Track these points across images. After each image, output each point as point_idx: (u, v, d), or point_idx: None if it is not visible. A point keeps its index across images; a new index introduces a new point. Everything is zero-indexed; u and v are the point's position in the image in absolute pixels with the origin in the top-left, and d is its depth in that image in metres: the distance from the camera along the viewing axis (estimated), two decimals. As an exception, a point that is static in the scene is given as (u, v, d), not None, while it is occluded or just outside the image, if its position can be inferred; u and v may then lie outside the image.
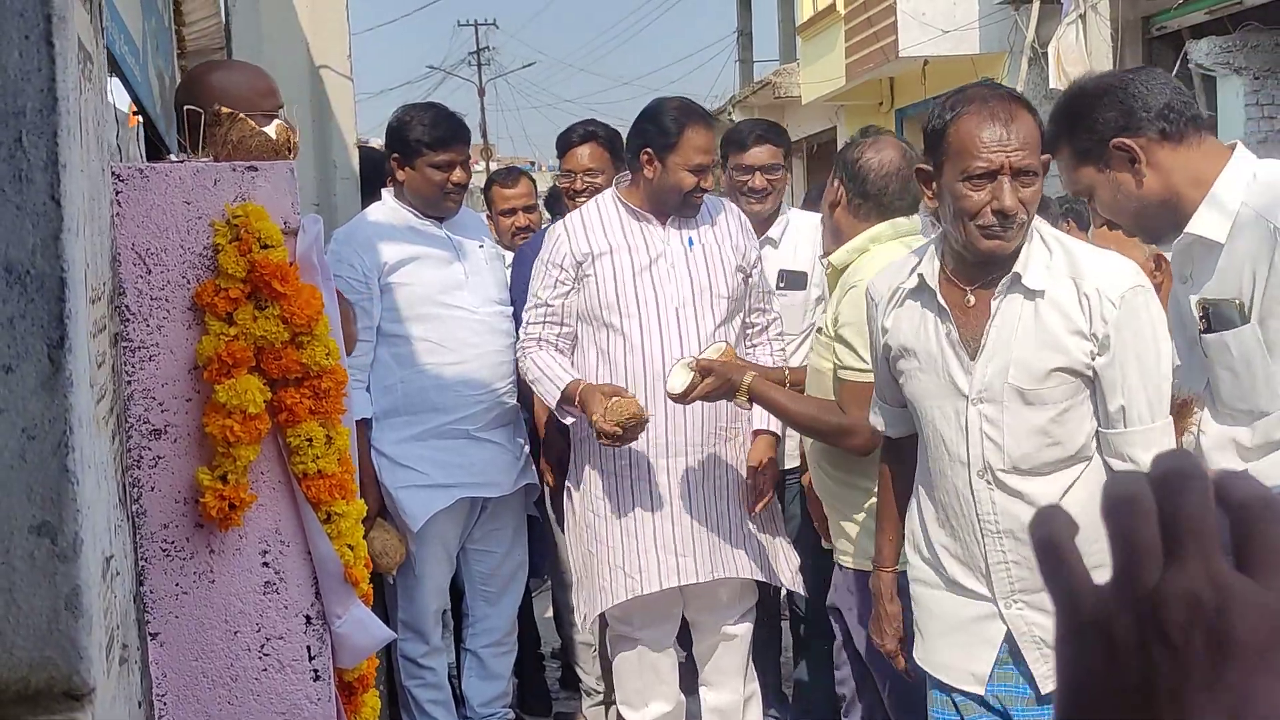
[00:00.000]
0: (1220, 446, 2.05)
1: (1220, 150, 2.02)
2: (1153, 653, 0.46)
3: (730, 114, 16.60)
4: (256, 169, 1.81)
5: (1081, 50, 9.14)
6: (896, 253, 2.60)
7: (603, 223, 3.18)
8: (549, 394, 3.13)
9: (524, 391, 3.53)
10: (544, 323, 3.19)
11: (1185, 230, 1.99)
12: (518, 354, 3.26)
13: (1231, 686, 0.45)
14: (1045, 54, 9.56)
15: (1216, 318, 1.98)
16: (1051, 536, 0.49)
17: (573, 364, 3.17)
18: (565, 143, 3.78)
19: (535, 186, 4.59)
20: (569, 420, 3.17)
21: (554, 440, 3.50)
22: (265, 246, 1.77)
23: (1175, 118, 2.00)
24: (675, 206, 3.13)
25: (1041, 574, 0.49)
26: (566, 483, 3.29)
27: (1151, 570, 0.46)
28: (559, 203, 4.07)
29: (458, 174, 3.36)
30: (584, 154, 3.72)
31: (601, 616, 3.27)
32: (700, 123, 3.15)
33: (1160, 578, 0.46)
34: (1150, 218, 2.04)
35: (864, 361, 2.54)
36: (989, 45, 10.68)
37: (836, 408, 2.65)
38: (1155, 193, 1.99)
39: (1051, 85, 9.44)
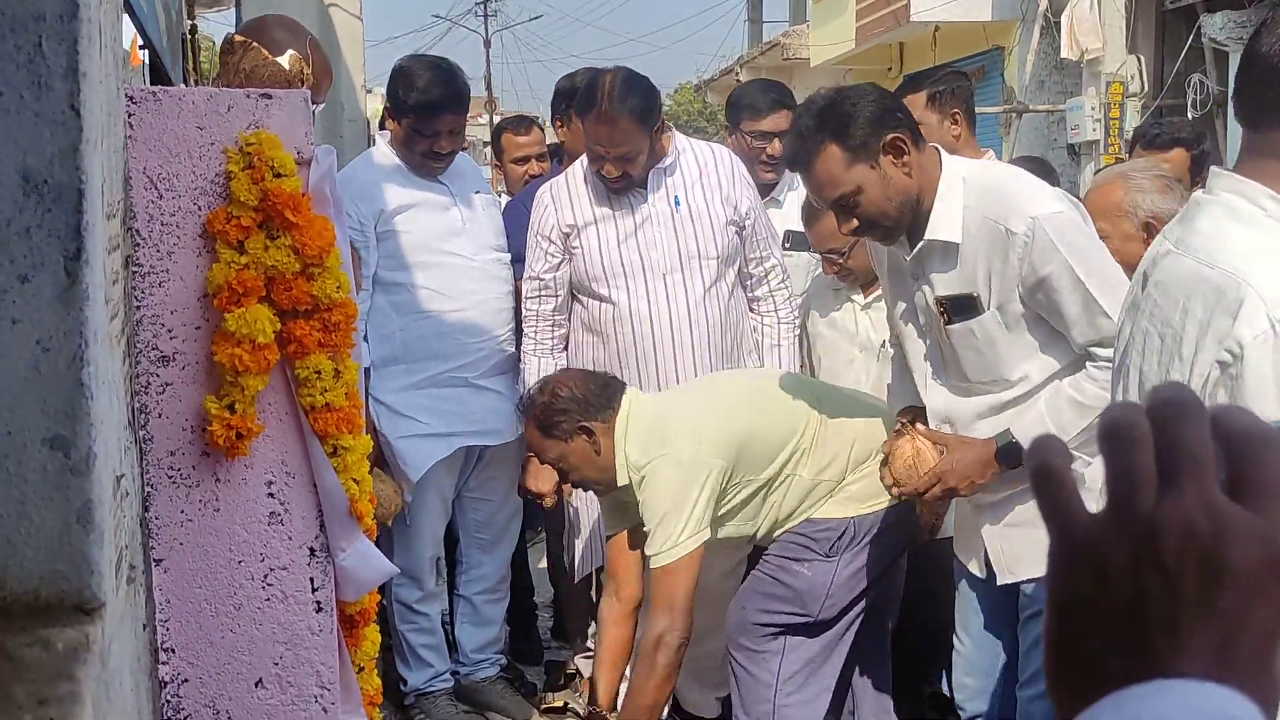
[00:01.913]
0: (967, 421, 2.28)
1: (935, 156, 2.24)
2: (1146, 580, 0.46)
3: (738, 74, 16.47)
4: (271, 96, 1.79)
5: (1095, 20, 9.06)
6: (668, 410, 2.66)
7: (589, 189, 3.13)
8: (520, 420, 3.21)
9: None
10: (539, 296, 3.21)
11: (926, 238, 2.20)
12: (523, 334, 3.28)
13: (1224, 614, 0.45)
14: (1058, 23, 9.48)
15: (955, 310, 2.20)
16: (1047, 463, 0.49)
17: (566, 346, 3.21)
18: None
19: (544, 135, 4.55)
20: None
21: None
22: (278, 175, 1.75)
23: (914, 122, 2.25)
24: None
25: (1036, 500, 0.49)
26: None
27: (1147, 498, 0.46)
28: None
29: (443, 143, 3.25)
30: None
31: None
32: (591, 115, 2.99)
33: (1156, 505, 0.46)
34: (906, 213, 2.20)
35: (683, 528, 2.53)
36: (1001, 13, 10.58)
37: (641, 665, 2.63)
38: (915, 188, 2.19)
39: (1063, 55, 9.37)
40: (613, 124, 2.97)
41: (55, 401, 1.13)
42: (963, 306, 2.20)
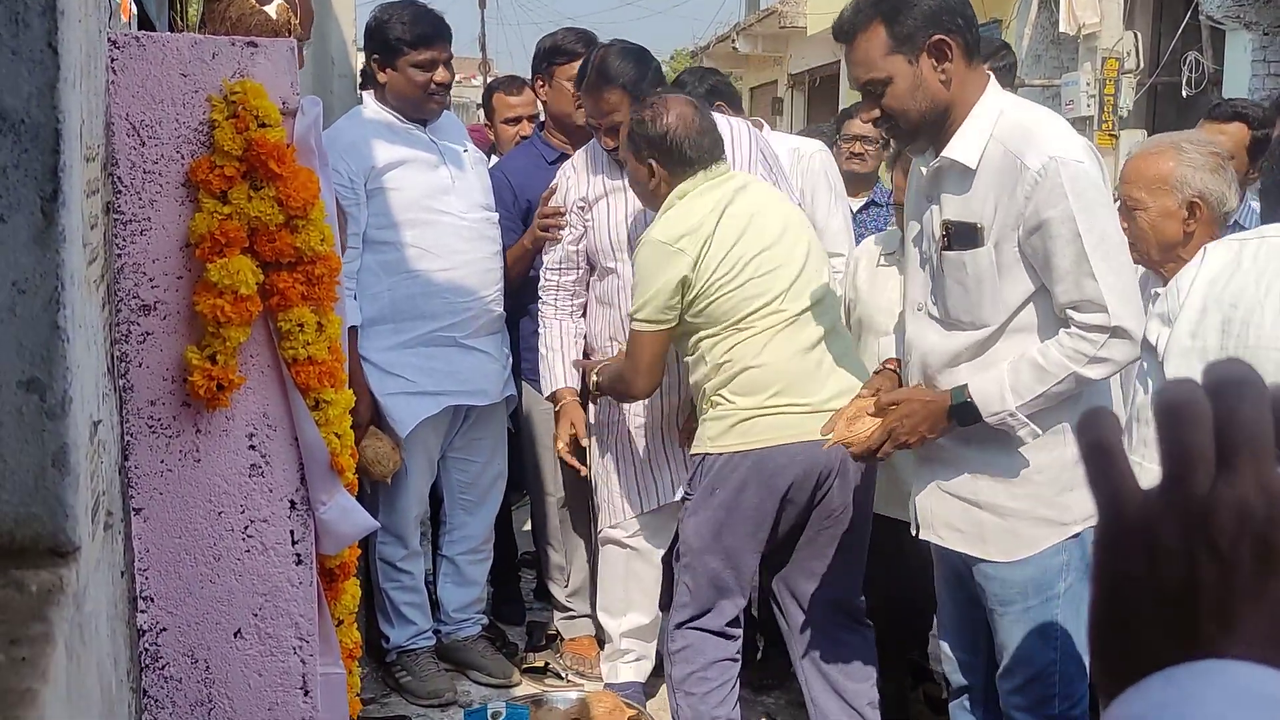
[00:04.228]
0: (940, 357, 2.24)
1: (984, 78, 2.16)
2: (1198, 561, 0.45)
3: (734, 41, 16.36)
4: (256, 45, 1.76)
5: (1093, -5, 9.00)
6: (698, 204, 2.69)
7: (604, 162, 3.18)
8: (544, 380, 3.32)
9: (511, 303, 3.53)
10: (560, 268, 3.29)
11: (942, 154, 2.14)
12: (541, 300, 3.33)
13: (1277, 598, 0.44)
14: (1056, -3, 9.42)
15: (957, 237, 2.14)
16: (1100, 439, 0.48)
17: (585, 314, 3.26)
18: (571, 53, 3.48)
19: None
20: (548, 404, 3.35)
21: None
22: (263, 125, 1.73)
23: (977, 35, 2.16)
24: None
25: (1087, 477, 0.48)
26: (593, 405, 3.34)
27: (1203, 478, 0.45)
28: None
29: (440, 73, 3.27)
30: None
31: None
32: (583, 88, 3.11)
33: (1211, 486, 0.45)
34: (930, 121, 2.14)
35: (640, 312, 2.70)
36: (1000, -15, 10.50)
37: (621, 363, 2.84)
38: (945, 98, 2.11)
39: (1061, 29, 9.32)
40: (598, 95, 3.03)
41: (31, 344, 1.12)
42: (964, 234, 2.14)
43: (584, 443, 3.22)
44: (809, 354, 2.66)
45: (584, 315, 3.31)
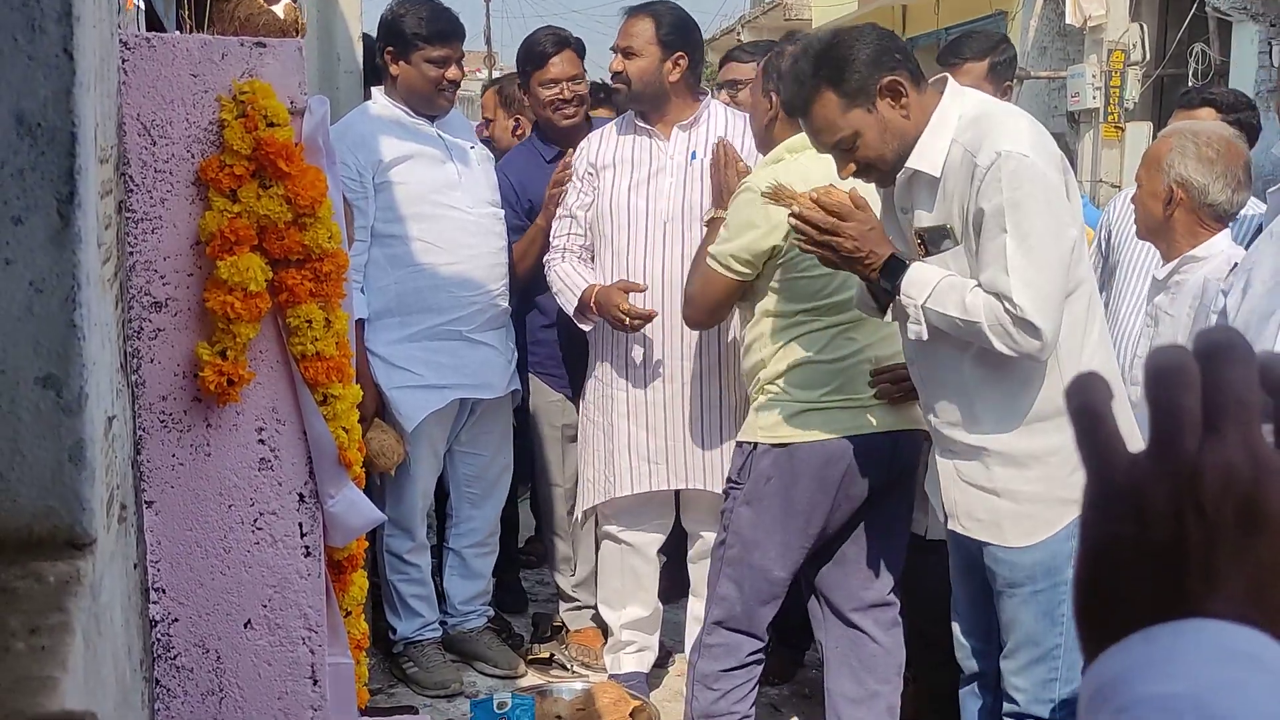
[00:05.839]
0: (932, 363, 2.28)
1: (936, 94, 2.21)
2: (1185, 521, 0.46)
3: (739, 34, 16.33)
4: (265, 45, 1.79)
5: (1099, -13, 8.98)
6: (813, 168, 2.60)
7: (617, 135, 3.25)
8: (568, 304, 3.24)
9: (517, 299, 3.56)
10: (569, 234, 3.30)
11: (906, 165, 2.17)
12: (544, 268, 3.33)
13: (1260, 559, 0.46)
14: (1062, -11, 9.40)
15: (931, 242, 2.20)
16: (1088, 403, 0.49)
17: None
18: (541, 55, 3.58)
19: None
20: (587, 327, 3.24)
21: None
22: (271, 124, 1.76)
23: (914, 62, 2.20)
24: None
25: (1076, 439, 0.49)
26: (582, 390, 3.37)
27: (1190, 440, 0.46)
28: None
29: (452, 70, 3.33)
30: (564, 62, 3.56)
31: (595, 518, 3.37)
32: None
33: (1199, 448, 0.46)
34: (904, 155, 2.17)
35: (720, 247, 2.62)
36: (1006, -23, 10.48)
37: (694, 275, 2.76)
38: (913, 131, 2.16)
39: (1067, 22, 9.30)
40: (628, 19, 3.19)
41: (48, 342, 1.15)
42: (938, 238, 2.18)
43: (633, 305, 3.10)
44: (863, 354, 2.64)
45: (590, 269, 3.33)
